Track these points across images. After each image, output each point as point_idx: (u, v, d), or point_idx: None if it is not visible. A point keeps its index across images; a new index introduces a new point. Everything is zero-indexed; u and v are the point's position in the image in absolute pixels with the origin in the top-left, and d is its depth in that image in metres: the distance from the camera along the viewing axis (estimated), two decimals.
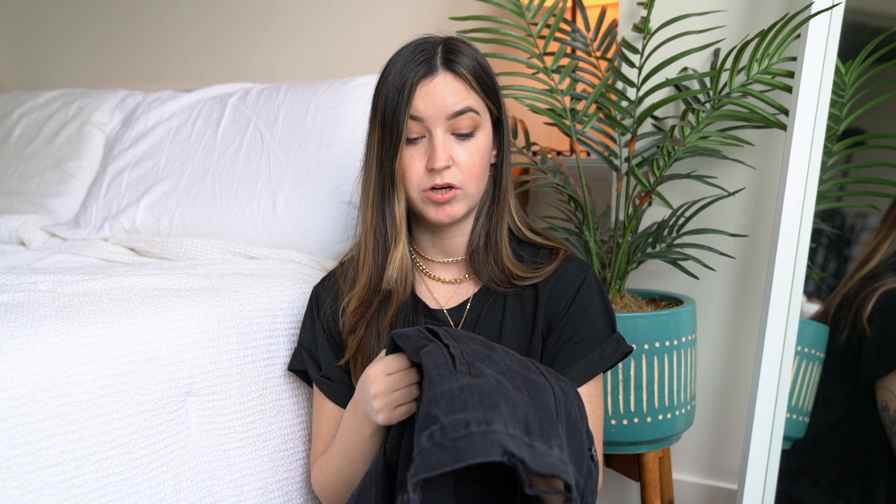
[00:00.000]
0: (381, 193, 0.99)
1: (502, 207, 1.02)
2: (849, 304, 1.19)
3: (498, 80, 1.01)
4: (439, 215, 0.97)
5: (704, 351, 1.45)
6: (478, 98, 0.97)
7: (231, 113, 1.57)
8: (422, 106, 0.94)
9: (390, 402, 0.84)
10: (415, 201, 0.98)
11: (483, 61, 0.99)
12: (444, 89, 0.94)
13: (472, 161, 0.96)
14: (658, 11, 1.32)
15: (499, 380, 0.73)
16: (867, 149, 1.21)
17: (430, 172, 0.95)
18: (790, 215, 1.12)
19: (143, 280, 1.11)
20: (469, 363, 0.74)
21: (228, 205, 1.45)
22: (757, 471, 1.12)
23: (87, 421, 0.81)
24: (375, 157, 0.99)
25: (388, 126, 0.95)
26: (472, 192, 0.98)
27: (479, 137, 0.97)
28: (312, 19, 2.03)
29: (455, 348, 0.75)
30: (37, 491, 0.76)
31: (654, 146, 1.35)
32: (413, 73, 0.94)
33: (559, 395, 0.78)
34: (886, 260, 1.18)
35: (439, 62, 0.95)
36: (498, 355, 0.78)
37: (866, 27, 1.16)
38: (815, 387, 1.20)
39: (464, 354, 0.75)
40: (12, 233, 1.55)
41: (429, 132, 0.95)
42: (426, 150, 0.96)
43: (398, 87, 0.94)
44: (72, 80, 2.36)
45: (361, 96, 1.47)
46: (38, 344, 0.80)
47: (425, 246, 1.06)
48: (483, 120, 0.97)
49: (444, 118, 0.94)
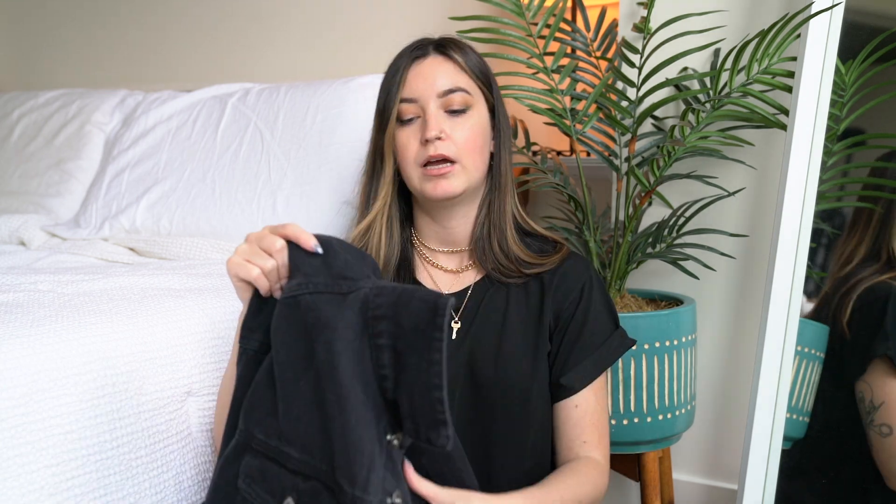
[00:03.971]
0: (372, 169, 1.03)
1: (504, 194, 1.02)
2: (829, 304, 1.20)
3: (493, 72, 1.03)
4: (437, 191, 0.97)
5: (704, 351, 1.45)
6: (469, 80, 0.99)
7: (231, 113, 1.58)
8: (413, 86, 0.97)
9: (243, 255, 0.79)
10: (413, 180, 0.99)
11: (476, 53, 1.02)
12: (434, 69, 0.98)
13: (466, 135, 0.97)
14: (658, 11, 1.32)
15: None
16: (867, 149, 1.21)
17: (425, 145, 0.97)
18: (790, 215, 1.12)
19: (143, 280, 1.11)
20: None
21: (228, 205, 1.45)
22: (757, 471, 1.12)
23: (87, 421, 0.81)
24: (371, 142, 1.03)
25: (382, 109, 1.00)
26: (470, 168, 0.98)
27: (473, 115, 0.99)
28: (313, 19, 2.03)
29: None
30: (37, 491, 0.76)
31: (654, 146, 1.35)
32: (405, 59, 0.99)
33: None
34: (862, 262, 1.18)
35: (431, 48, 1.00)
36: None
37: (866, 27, 1.16)
38: (815, 387, 1.20)
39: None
40: (12, 233, 1.55)
41: (423, 110, 0.98)
42: (420, 127, 0.98)
43: (392, 73, 0.99)
44: (72, 80, 2.36)
45: (361, 96, 1.47)
46: (38, 344, 0.80)
47: (428, 234, 1.06)
48: (476, 101, 1.00)
49: (434, 95, 0.97)
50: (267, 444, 0.71)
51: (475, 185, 1.01)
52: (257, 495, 0.71)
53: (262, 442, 0.72)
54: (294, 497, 0.68)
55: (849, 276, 1.19)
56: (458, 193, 0.98)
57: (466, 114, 0.98)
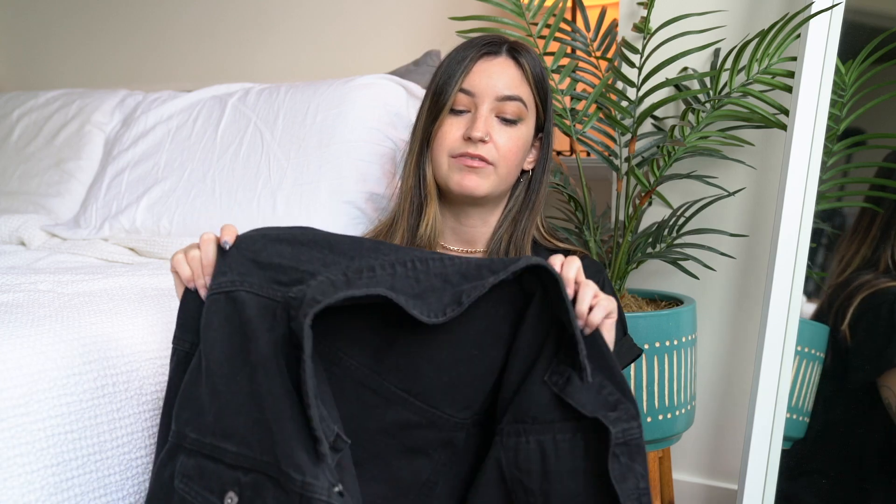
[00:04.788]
0: (419, 155, 1.01)
1: (533, 215, 1.02)
2: (831, 305, 1.20)
3: (552, 91, 1.03)
4: (464, 181, 0.97)
5: (704, 351, 1.45)
6: (530, 93, 0.99)
7: (231, 113, 1.57)
8: (476, 80, 0.97)
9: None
10: (441, 167, 0.99)
11: (544, 67, 1.02)
12: (501, 71, 0.97)
13: (510, 146, 0.97)
14: (658, 11, 1.32)
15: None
16: (867, 149, 1.21)
17: (466, 141, 0.96)
18: (790, 215, 1.12)
19: (143, 280, 1.11)
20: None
21: (228, 205, 1.45)
22: (757, 471, 1.12)
23: (87, 421, 0.81)
24: (421, 122, 1.01)
25: (439, 92, 0.98)
26: (503, 175, 0.98)
27: (521, 128, 0.99)
28: (313, 19, 2.03)
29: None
30: (37, 491, 0.76)
31: (654, 146, 1.35)
32: (476, 51, 0.98)
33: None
34: (862, 265, 1.18)
35: (504, 49, 0.99)
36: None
37: (866, 27, 1.16)
38: (815, 387, 1.20)
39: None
40: (12, 233, 1.55)
41: (475, 107, 0.97)
42: (467, 122, 0.97)
43: (459, 59, 0.98)
44: (72, 80, 2.36)
45: (361, 96, 1.47)
46: (38, 344, 0.80)
47: (446, 234, 1.06)
48: (529, 115, 1.00)
49: (493, 97, 0.96)
50: (201, 441, 0.70)
51: (500, 193, 1.01)
52: (196, 493, 0.70)
53: (196, 440, 0.71)
54: (236, 490, 0.67)
55: (850, 279, 1.19)
56: (482, 195, 0.98)
57: (516, 125, 0.98)
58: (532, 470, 0.67)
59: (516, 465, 0.68)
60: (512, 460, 0.68)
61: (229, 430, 0.68)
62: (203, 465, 0.70)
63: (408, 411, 0.74)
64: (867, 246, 1.18)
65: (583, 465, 0.66)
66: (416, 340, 0.72)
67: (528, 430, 0.68)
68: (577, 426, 0.67)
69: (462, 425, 0.75)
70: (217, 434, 0.69)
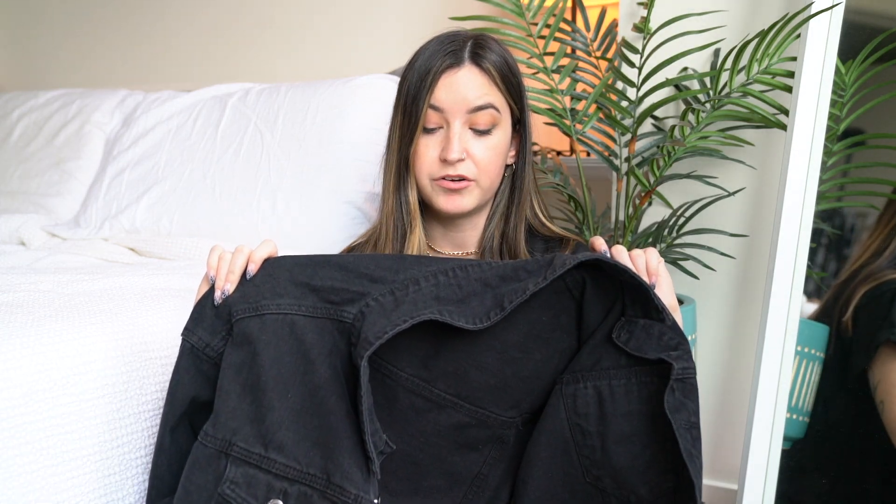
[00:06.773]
0: (398, 178, 0.99)
1: (522, 209, 1.01)
2: (837, 300, 1.20)
3: (524, 81, 1.00)
4: (448, 205, 0.96)
5: (704, 351, 1.45)
6: (500, 96, 0.96)
7: (231, 113, 1.58)
8: (443, 96, 0.94)
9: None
10: (424, 189, 0.98)
11: (511, 60, 0.98)
12: (467, 82, 0.94)
13: (488, 157, 0.96)
14: (658, 11, 1.32)
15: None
16: (867, 149, 1.21)
17: (443, 163, 0.95)
18: (790, 215, 1.12)
19: (143, 280, 1.11)
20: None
21: (228, 205, 1.46)
22: (757, 471, 1.12)
23: (87, 421, 0.81)
24: (395, 143, 0.99)
25: (408, 112, 0.96)
26: (485, 187, 0.97)
27: (496, 135, 0.97)
28: (313, 19, 2.03)
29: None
30: (37, 491, 0.76)
31: (654, 146, 1.35)
32: (439, 63, 0.94)
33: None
34: (873, 259, 1.18)
35: (466, 55, 0.95)
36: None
37: (866, 27, 1.16)
38: (815, 387, 1.20)
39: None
40: (12, 233, 1.55)
41: (447, 123, 0.95)
42: (441, 140, 0.96)
43: (422, 74, 0.94)
44: (72, 80, 2.36)
45: (361, 96, 1.47)
46: (39, 344, 0.80)
47: (436, 238, 1.05)
48: (503, 118, 0.97)
49: (463, 111, 0.94)
50: (249, 451, 0.75)
51: (487, 199, 1.00)
52: (243, 500, 0.75)
53: (244, 450, 0.75)
54: (281, 498, 0.74)
55: (854, 274, 1.19)
56: (470, 209, 0.98)
57: (491, 133, 0.96)
58: (590, 413, 0.74)
59: (575, 409, 0.75)
60: (571, 405, 0.75)
61: (278, 442, 0.74)
62: (251, 474, 0.75)
63: (459, 413, 0.79)
64: (881, 239, 1.18)
65: (637, 407, 0.73)
66: (461, 346, 0.77)
67: (586, 377, 0.75)
68: (629, 372, 0.73)
69: (511, 423, 0.79)
70: (266, 445, 0.75)
